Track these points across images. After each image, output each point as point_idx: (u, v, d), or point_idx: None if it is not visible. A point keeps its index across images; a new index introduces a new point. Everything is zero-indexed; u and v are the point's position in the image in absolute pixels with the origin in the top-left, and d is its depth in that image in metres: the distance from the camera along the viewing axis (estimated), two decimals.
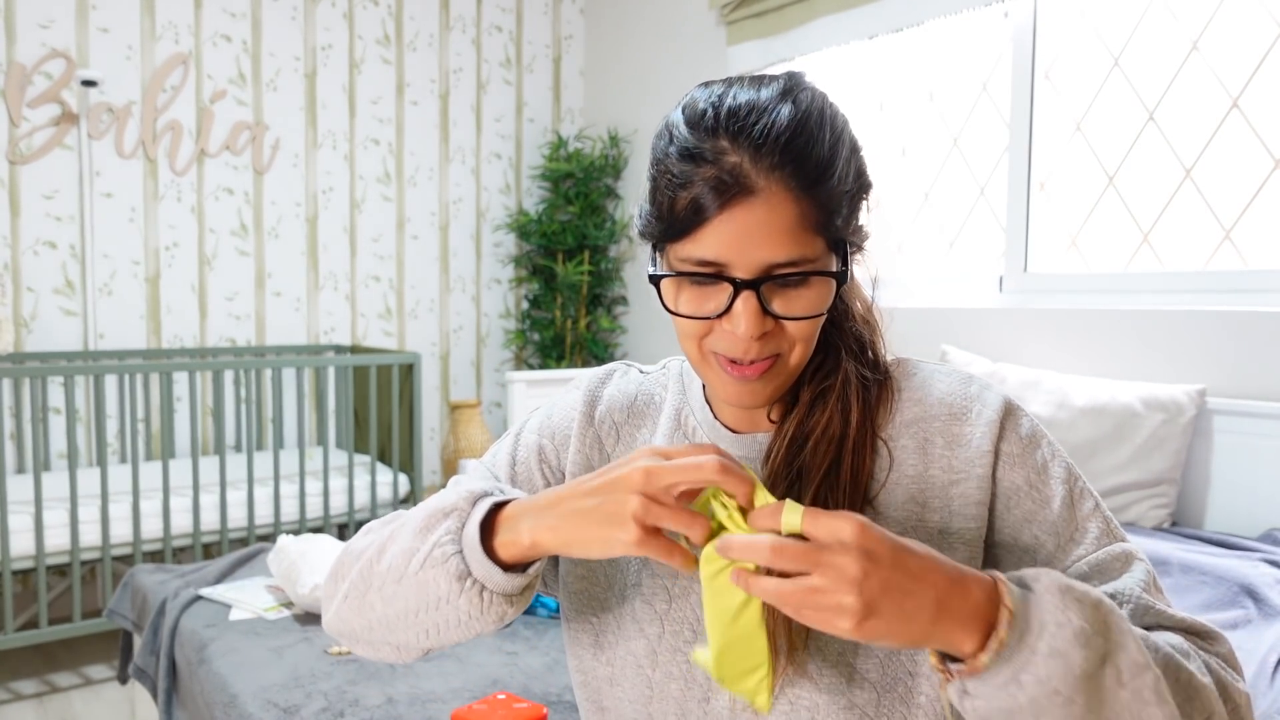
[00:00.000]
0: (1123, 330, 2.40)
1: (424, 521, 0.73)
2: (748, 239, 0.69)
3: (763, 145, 0.69)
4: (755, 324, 0.71)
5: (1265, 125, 2.27)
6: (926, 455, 0.77)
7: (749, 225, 0.69)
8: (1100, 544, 0.75)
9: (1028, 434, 0.77)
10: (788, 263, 0.70)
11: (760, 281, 0.70)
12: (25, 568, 2.72)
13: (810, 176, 0.69)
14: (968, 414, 0.77)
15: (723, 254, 0.70)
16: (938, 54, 3.01)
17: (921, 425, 0.78)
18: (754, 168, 0.69)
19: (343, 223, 3.87)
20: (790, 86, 0.73)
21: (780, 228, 0.69)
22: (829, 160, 0.71)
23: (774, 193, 0.69)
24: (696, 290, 0.73)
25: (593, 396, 0.89)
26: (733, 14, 3.47)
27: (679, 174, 0.71)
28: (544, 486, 0.87)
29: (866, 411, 0.78)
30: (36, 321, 3.27)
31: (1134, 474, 2.17)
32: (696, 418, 0.85)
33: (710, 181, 0.69)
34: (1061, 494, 0.76)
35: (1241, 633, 1.57)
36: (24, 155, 3.22)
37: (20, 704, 2.70)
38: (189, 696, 1.79)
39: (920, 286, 3.03)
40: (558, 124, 4.40)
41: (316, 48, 3.77)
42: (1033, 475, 0.76)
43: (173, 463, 3.02)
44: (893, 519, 0.76)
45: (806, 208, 0.70)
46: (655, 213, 0.74)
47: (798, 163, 0.69)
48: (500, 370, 4.32)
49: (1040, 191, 2.73)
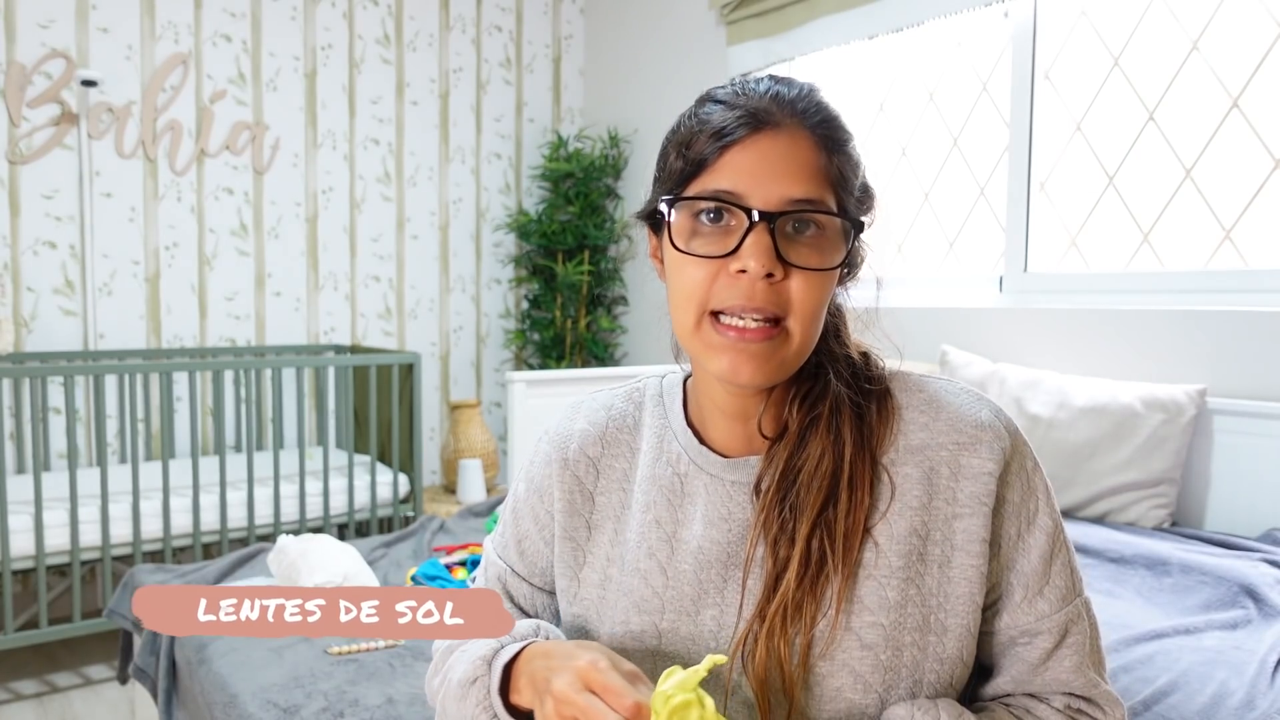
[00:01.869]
0: (1123, 330, 2.40)
1: (458, 691, 0.78)
2: (768, 168, 0.70)
3: (784, 97, 0.72)
4: (766, 258, 0.69)
5: (1265, 125, 2.27)
6: (932, 485, 0.74)
7: (770, 155, 0.70)
8: (1064, 603, 0.76)
9: (1028, 475, 0.77)
10: (805, 200, 0.70)
11: (777, 216, 0.69)
12: (25, 568, 2.72)
13: (829, 126, 0.73)
14: (977, 444, 0.75)
15: (740, 184, 0.70)
16: (938, 54, 3.01)
17: (928, 453, 0.75)
18: (779, 110, 0.72)
19: (343, 223, 3.87)
20: (807, 82, 0.77)
21: (801, 163, 0.70)
22: (845, 136, 0.74)
23: (798, 131, 0.71)
24: (706, 238, 0.72)
25: (564, 439, 0.87)
26: (733, 14, 3.47)
27: (700, 120, 0.73)
28: (550, 550, 0.88)
29: (862, 439, 0.76)
30: (36, 321, 3.27)
31: (1134, 474, 2.17)
32: (680, 443, 0.82)
33: (736, 116, 0.71)
34: (1041, 547, 0.76)
35: (1241, 633, 1.57)
36: (24, 155, 3.22)
37: (20, 704, 2.70)
38: (189, 696, 1.79)
39: (920, 286, 3.03)
40: (558, 124, 4.40)
41: (316, 48, 3.77)
42: (1023, 526, 0.76)
43: (173, 463, 3.02)
44: (893, 551, 0.74)
45: (826, 158, 0.71)
46: (673, 161, 0.74)
47: (822, 118, 0.73)
48: (500, 370, 4.32)
49: (1040, 191, 2.72)
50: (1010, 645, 0.77)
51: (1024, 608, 0.75)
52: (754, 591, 0.75)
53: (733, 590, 0.76)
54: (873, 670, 0.71)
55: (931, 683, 0.73)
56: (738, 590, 0.76)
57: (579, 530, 0.85)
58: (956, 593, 0.74)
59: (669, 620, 0.77)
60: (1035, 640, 0.76)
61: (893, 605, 0.72)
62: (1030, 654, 0.76)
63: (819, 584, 0.72)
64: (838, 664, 0.72)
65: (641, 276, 4.11)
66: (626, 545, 0.82)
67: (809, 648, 0.72)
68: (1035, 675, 0.77)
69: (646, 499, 0.82)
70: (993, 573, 0.76)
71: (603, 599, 0.82)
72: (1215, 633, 1.56)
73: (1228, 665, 1.44)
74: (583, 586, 0.84)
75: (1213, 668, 1.43)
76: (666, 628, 0.77)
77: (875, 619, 0.72)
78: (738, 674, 0.74)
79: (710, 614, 0.76)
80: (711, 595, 0.76)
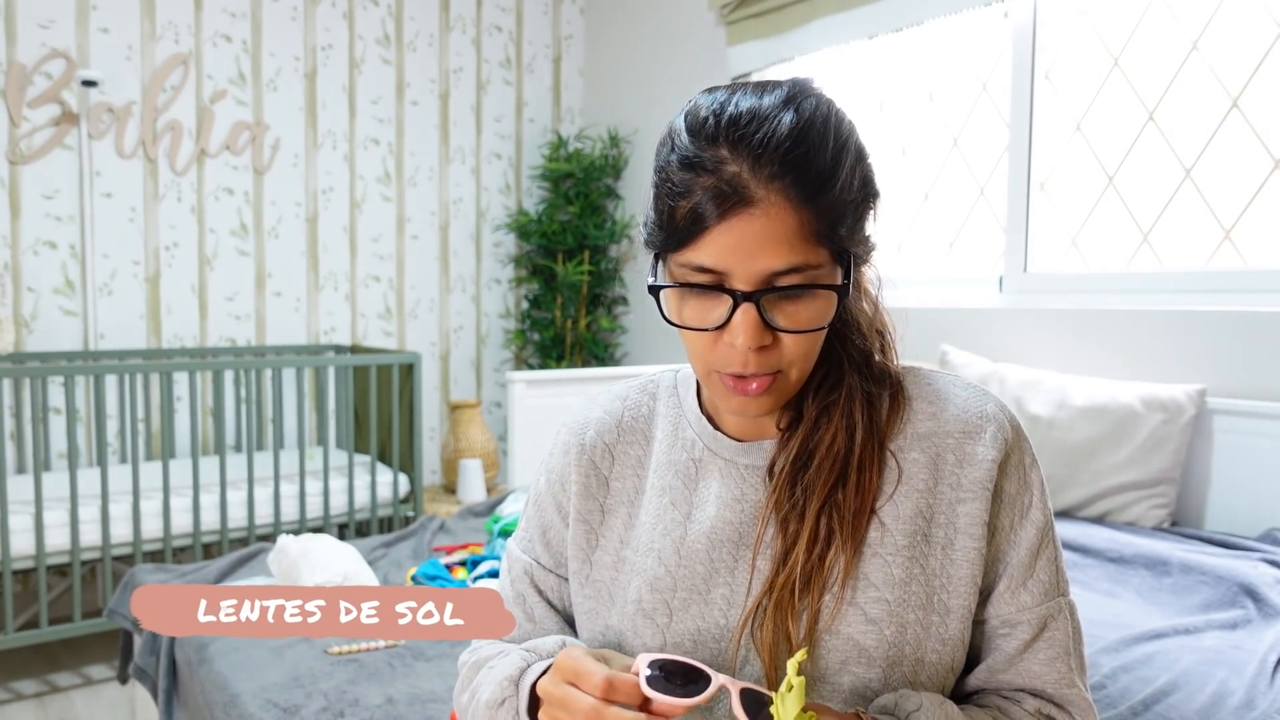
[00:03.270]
0: (1123, 330, 2.40)
1: (487, 714, 0.79)
2: (746, 249, 0.69)
3: (762, 155, 0.68)
4: (754, 335, 0.70)
5: (1265, 125, 2.27)
6: (938, 470, 0.77)
7: (747, 236, 0.68)
8: (1047, 597, 0.78)
9: (1026, 469, 0.79)
10: (788, 270, 0.70)
11: (760, 294, 0.70)
12: (25, 568, 2.72)
13: (811, 186, 0.69)
14: (981, 433, 0.78)
15: (722, 262, 0.70)
16: (938, 54, 3.01)
17: (935, 440, 0.78)
18: (753, 178, 0.68)
19: (343, 223, 3.87)
20: (794, 93, 0.72)
21: (779, 238, 0.69)
22: (831, 169, 0.70)
23: (773, 203, 0.68)
24: (698, 302, 0.73)
25: (581, 427, 0.90)
26: (733, 14, 3.47)
27: (679, 183, 0.71)
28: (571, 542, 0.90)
29: (873, 426, 0.79)
30: (36, 321, 3.27)
31: (1134, 474, 2.17)
32: (695, 429, 0.85)
33: (709, 191, 0.69)
34: (1031, 540, 0.78)
35: (1241, 633, 1.57)
36: (24, 155, 3.22)
37: (20, 704, 2.70)
38: (189, 696, 1.79)
39: (920, 286, 3.04)
40: (558, 124, 4.40)
41: (316, 48, 3.77)
42: (1016, 519, 0.78)
43: (173, 463, 3.02)
44: (899, 531, 0.76)
45: (807, 217, 0.69)
46: (658, 221, 0.74)
47: (798, 172, 0.68)
48: (500, 370, 4.32)
49: (1040, 191, 2.73)
50: (991, 636, 0.79)
51: (1006, 598, 0.78)
52: (763, 571, 0.77)
53: (743, 570, 0.78)
54: (877, 645, 0.74)
55: (933, 663, 0.75)
56: (748, 570, 0.78)
57: (593, 514, 0.87)
58: (959, 574, 0.76)
59: (680, 598, 0.79)
60: (1014, 631, 0.78)
61: (897, 582, 0.75)
62: (1008, 645, 0.78)
63: (826, 559, 0.75)
64: (843, 638, 0.74)
65: (641, 277, 4.11)
66: (640, 527, 0.84)
67: (815, 621, 0.74)
68: (1010, 667, 0.79)
69: (662, 483, 0.84)
70: (985, 558, 0.78)
71: (615, 580, 0.83)
72: (1215, 632, 1.56)
73: (1227, 665, 1.44)
74: (595, 569, 0.85)
75: (1212, 667, 1.43)
76: (678, 605, 0.79)
77: (880, 594, 0.75)
78: (746, 648, 0.76)
79: (720, 593, 0.78)
80: (723, 574, 0.79)
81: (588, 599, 0.85)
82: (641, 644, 0.79)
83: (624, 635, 0.81)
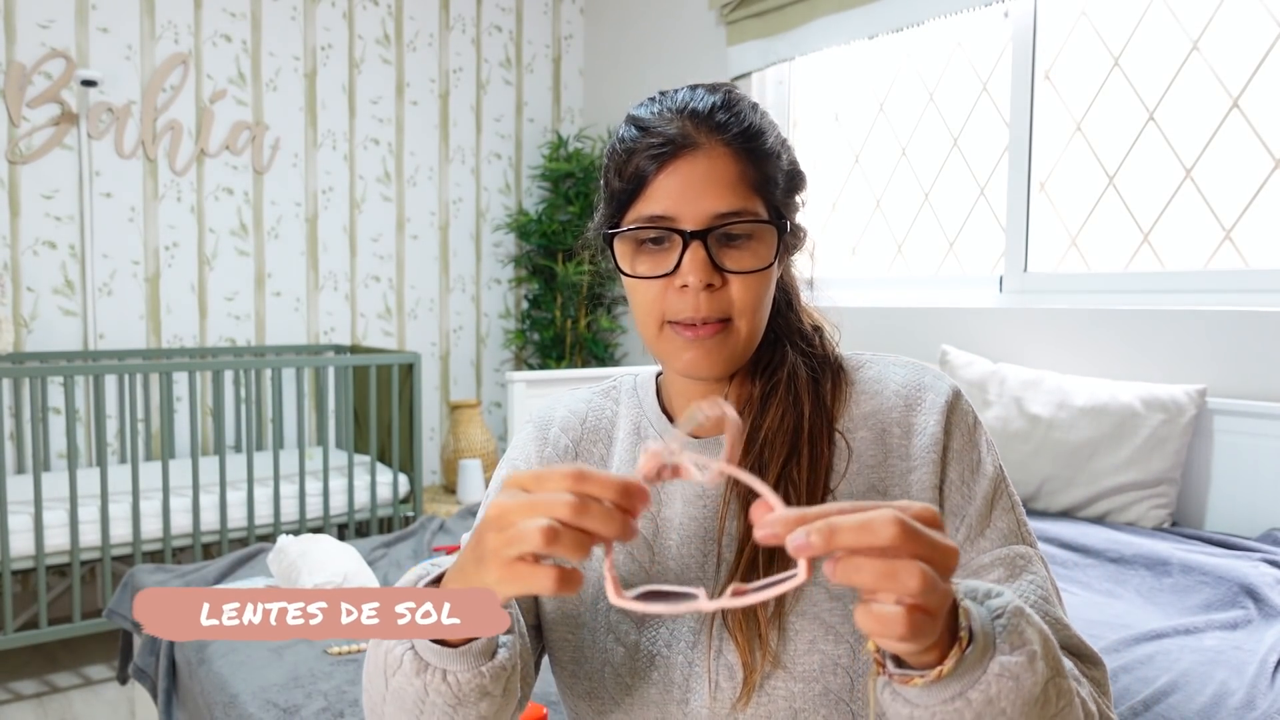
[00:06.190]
0: (1123, 330, 2.40)
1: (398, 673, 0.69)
2: (692, 190, 0.76)
3: (700, 114, 0.78)
4: (703, 272, 0.75)
5: (1265, 125, 2.27)
6: (886, 445, 0.80)
7: (692, 177, 0.76)
8: (1006, 541, 0.77)
9: (970, 427, 0.81)
10: (731, 212, 0.76)
11: (707, 232, 0.76)
12: (25, 568, 2.72)
13: (745, 139, 0.78)
14: (921, 403, 0.80)
15: (670, 207, 0.76)
16: (938, 54, 3.01)
17: (879, 417, 0.81)
18: (694, 129, 0.77)
19: (342, 223, 3.87)
20: (722, 88, 0.82)
21: (722, 180, 0.76)
22: (760, 131, 0.79)
23: (714, 148, 0.76)
24: (650, 258, 0.79)
25: (545, 423, 0.92)
26: (733, 14, 3.46)
27: (623, 152, 0.79)
28: None
29: (819, 403, 0.81)
30: (36, 321, 3.27)
31: (1134, 474, 2.17)
32: (655, 429, 0.87)
33: (653, 147, 0.77)
34: (985, 491, 0.79)
35: (1241, 633, 1.57)
36: (24, 155, 3.22)
37: (20, 704, 2.70)
38: (189, 696, 1.79)
39: (920, 286, 3.04)
40: (558, 124, 4.40)
41: (316, 48, 3.77)
42: (966, 472, 0.79)
43: (172, 463, 3.02)
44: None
45: (745, 166, 0.77)
46: (605, 199, 0.81)
47: (734, 125, 0.77)
48: (500, 370, 4.32)
49: (1040, 191, 2.73)
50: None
51: (967, 547, 0.78)
52: (728, 560, 0.79)
53: (711, 563, 0.80)
54: (843, 620, 0.74)
55: None
56: (715, 561, 0.80)
57: None
58: None
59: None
60: (984, 576, 0.76)
61: None
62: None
63: None
64: (809, 617, 0.75)
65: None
66: None
67: (782, 602, 0.75)
68: None
69: None
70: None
71: (585, 580, 0.83)
72: (1215, 633, 1.56)
73: (1228, 665, 1.44)
74: None
75: (1213, 668, 1.43)
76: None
77: None
78: (719, 636, 0.76)
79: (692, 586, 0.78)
80: (694, 570, 0.80)
81: (557, 608, 0.84)
82: (615, 639, 0.79)
83: (596, 633, 0.81)
